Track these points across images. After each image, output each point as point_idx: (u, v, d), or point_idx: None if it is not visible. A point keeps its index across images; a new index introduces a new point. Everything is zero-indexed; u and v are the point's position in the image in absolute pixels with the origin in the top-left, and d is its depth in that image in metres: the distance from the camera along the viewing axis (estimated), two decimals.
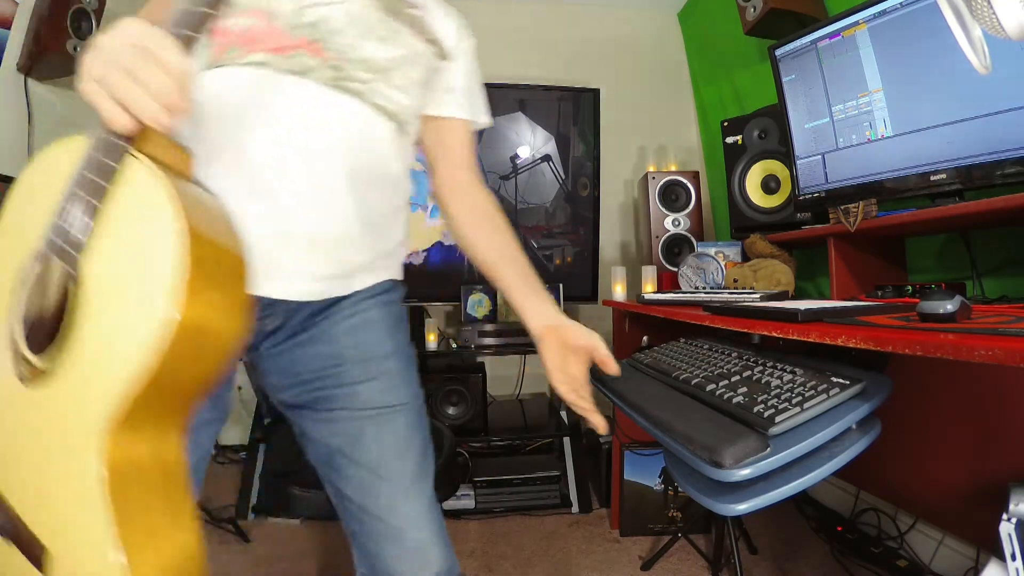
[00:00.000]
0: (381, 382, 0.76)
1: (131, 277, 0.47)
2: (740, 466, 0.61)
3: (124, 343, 0.46)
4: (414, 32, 0.79)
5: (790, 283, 1.54)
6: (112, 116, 0.46)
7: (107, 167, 0.48)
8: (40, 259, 0.51)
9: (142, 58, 0.45)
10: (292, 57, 0.69)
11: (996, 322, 0.65)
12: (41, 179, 0.56)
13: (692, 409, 0.76)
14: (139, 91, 0.45)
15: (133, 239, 0.48)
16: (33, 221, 0.53)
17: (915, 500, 1.49)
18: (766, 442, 0.63)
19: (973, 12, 0.50)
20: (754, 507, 0.62)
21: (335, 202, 0.71)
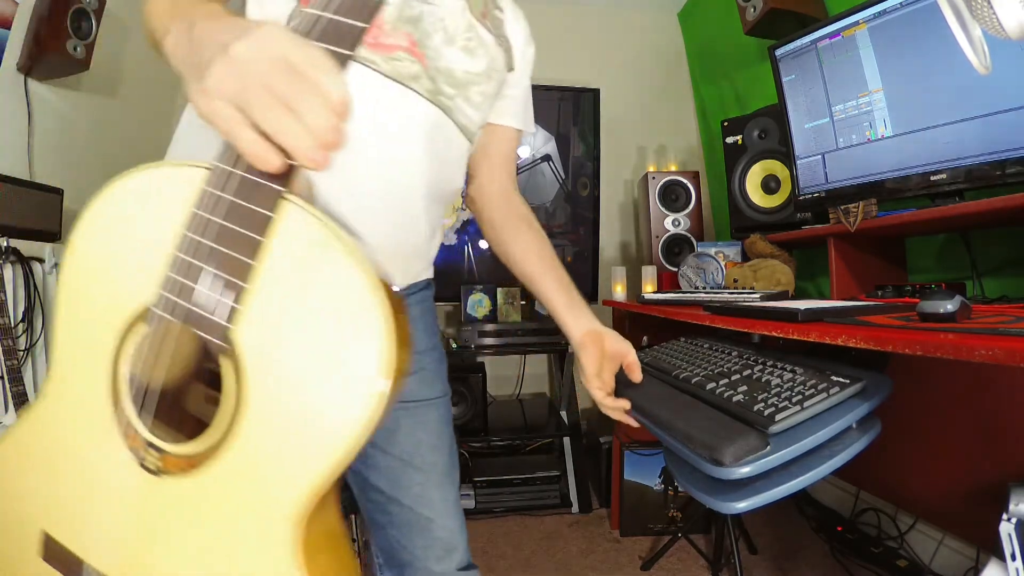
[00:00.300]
0: (418, 377, 0.77)
1: (319, 351, 0.40)
2: (740, 464, 0.61)
3: (326, 423, 0.39)
4: (497, 41, 0.76)
5: (790, 283, 1.54)
6: (257, 153, 0.37)
7: (259, 217, 0.40)
8: (152, 321, 0.43)
9: (299, 83, 0.36)
10: (394, 59, 0.64)
11: (996, 322, 0.65)
12: (123, 214, 0.46)
13: (692, 408, 0.77)
14: (297, 125, 0.36)
15: (314, 307, 0.40)
16: (120, 267, 0.45)
17: (915, 500, 1.49)
18: (766, 440, 0.63)
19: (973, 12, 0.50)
20: (753, 505, 0.62)
21: (414, 218, 0.70)
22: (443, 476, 0.76)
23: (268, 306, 0.40)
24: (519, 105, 0.86)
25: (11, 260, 1.50)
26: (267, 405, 0.40)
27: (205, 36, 0.40)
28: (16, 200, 1.56)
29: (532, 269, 0.84)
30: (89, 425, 0.46)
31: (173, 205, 0.43)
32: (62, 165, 1.95)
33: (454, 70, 0.69)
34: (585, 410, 2.58)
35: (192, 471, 0.43)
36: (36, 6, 1.74)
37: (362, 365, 0.39)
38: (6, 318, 1.38)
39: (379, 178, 0.64)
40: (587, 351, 0.78)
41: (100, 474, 0.45)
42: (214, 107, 0.37)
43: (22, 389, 1.36)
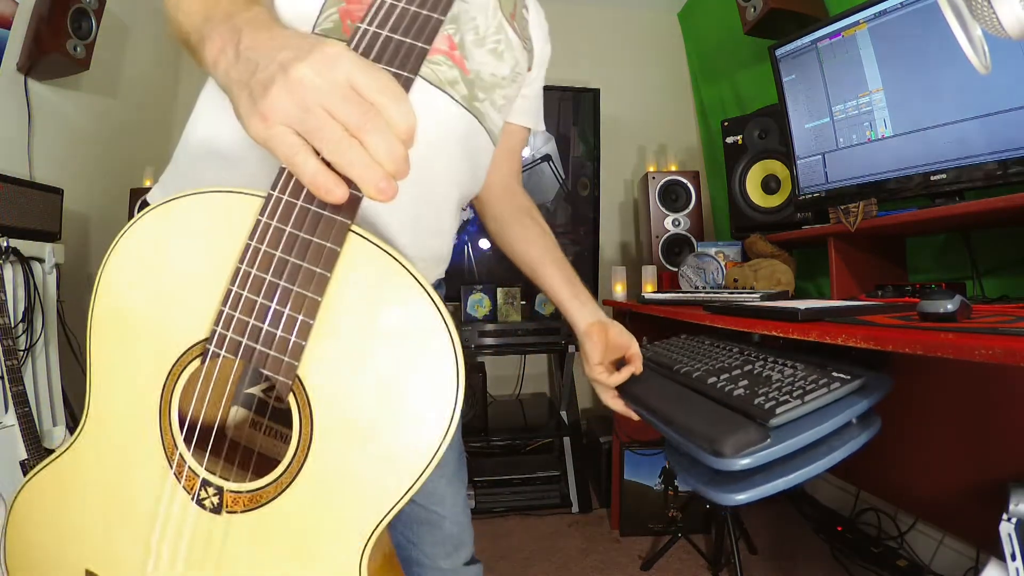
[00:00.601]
0: None
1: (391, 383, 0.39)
2: (740, 456, 0.61)
3: (401, 453, 0.39)
4: (522, 42, 0.74)
5: (790, 283, 1.54)
6: (323, 184, 0.35)
7: (327, 252, 0.38)
8: (207, 357, 0.42)
9: (367, 110, 0.34)
10: (434, 63, 0.62)
11: (996, 322, 0.65)
12: (163, 244, 0.43)
13: (693, 402, 0.77)
14: (365, 155, 0.34)
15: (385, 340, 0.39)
16: (164, 301, 0.43)
17: (915, 500, 1.49)
18: (767, 433, 0.64)
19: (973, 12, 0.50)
20: (753, 497, 0.62)
21: (443, 226, 0.70)
22: (454, 474, 0.77)
23: (336, 341, 0.39)
24: (532, 104, 0.85)
25: (11, 260, 1.50)
26: (338, 441, 0.40)
27: (258, 51, 0.37)
28: (16, 200, 1.56)
29: (535, 262, 0.85)
30: (137, 464, 0.45)
31: (221, 236, 0.41)
32: (62, 165, 1.95)
33: (483, 73, 0.68)
34: (585, 410, 2.58)
35: (256, 507, 0.42)
36: (36, 6, 1.75)
37: (437, 394, 0.39)
38: (6, 318, 1.38)
39: (416, 186, 0.62)
40: (592, 340, 0.79)
41: (152, 514, 0.44)
42: (274, 132, 0.35)
43: (22, 389, 1.36)
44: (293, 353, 0.39)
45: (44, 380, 1.63)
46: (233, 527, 0.42)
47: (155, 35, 2.47)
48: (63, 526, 0.48)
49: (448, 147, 0.64)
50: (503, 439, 2.13)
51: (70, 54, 1.77)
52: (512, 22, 0.72)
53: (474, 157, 0.69)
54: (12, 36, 1.73)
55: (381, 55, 0.38)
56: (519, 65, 0.73)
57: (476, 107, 0.66)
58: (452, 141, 0.65)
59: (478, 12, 0.67)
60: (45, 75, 1.85)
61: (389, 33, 0.39)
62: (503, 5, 0.71)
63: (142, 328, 0.44)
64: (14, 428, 1.33)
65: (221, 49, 0.39)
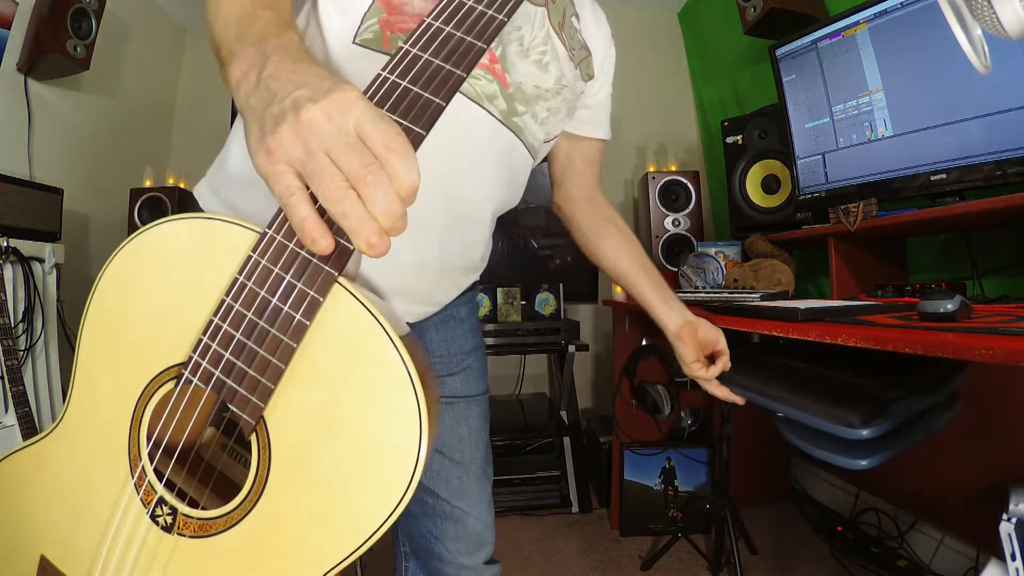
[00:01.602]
0: (463, 376, 0.78)
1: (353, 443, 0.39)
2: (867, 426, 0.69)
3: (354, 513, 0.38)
4: (570, 54, 0.72)
5: (790, 283, 1.54)
6: (311, 231, 0.35)
7: (309, 300, 0.38)
8: (180, 381, 0.42)
9: (371, 162, 0.33)
10: (476, 78, 0.61)
11: (996, 322, 0.65)
12: (158, 263, 0.44)
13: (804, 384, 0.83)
14: (362, 208, 0.33)
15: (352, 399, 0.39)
16: (151, 318, 0.43)
17: (915, 500, 1.49)
18: (887, 406, 0.71)
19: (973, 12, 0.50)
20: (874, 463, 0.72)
21: (476, 240, 0.70)
22: (480, 471, 0.77)
23: (305, 392, 0.39)
24: (601, 114, 0.86)
25: (11, 260, 1.50)
26: (291, 489, 0.40)
27: (278, 82, 0.37)
28: (16, 200, 1.56)
29: (625, 270, 0.88)
30: (104, 467, 0.45)
31: (214, 264, 0.41)
32: (62, 165, 1.95)
33: (525, 85, 0.67)
34: (585, 410, 2.58)
35: (204, 535, 0.42)
36: (36, 6, 1.75)
37: (394, 468, 0.37)
38: (6, 318, 1.38)
39: (447, 199, 0.63)
40: (683, 342, 0.82)
41: (110, 518, 0.45)
42: (275, 170, 0.35)
43: (22, 389, 1.36)
44: (261, 394, 0.39)
45: (44, 380, 1.63)
46: (180, 549, 0.42)
47: (155, 35, 2.47)
48: (29, 507, 0.49)
49: (483, 162, 0.64)
50: (503, 439, 2.13)
51: (70, 54, 1.77)
52: (561, 32, 0.71)
53: (511, 171, 0.69)
54: (12, 36, 1.73)
55: (397, 106, 0.38)
56: (565, 77, 0.71)
57: (515, 122, 0.66)
58: (488, 156, 0.65)
59: (524, 22, 0.66)
60: (45, 75, 1.85)
61: (409, 84, 0.38)
62: (552, 15, 0.70)
63: (129, 337, 0.45)
64: (14, 428, 1.33)
65: (245, 73, 0.39)
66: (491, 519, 0.77)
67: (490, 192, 0.67)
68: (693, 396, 1.92)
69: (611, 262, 0.89)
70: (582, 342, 2.10)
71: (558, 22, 0.71)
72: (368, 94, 0.38)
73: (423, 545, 0.75)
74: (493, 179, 0.66)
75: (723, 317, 1.01)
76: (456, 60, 0.39)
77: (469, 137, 0.62)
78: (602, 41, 0.81)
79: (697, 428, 1.92)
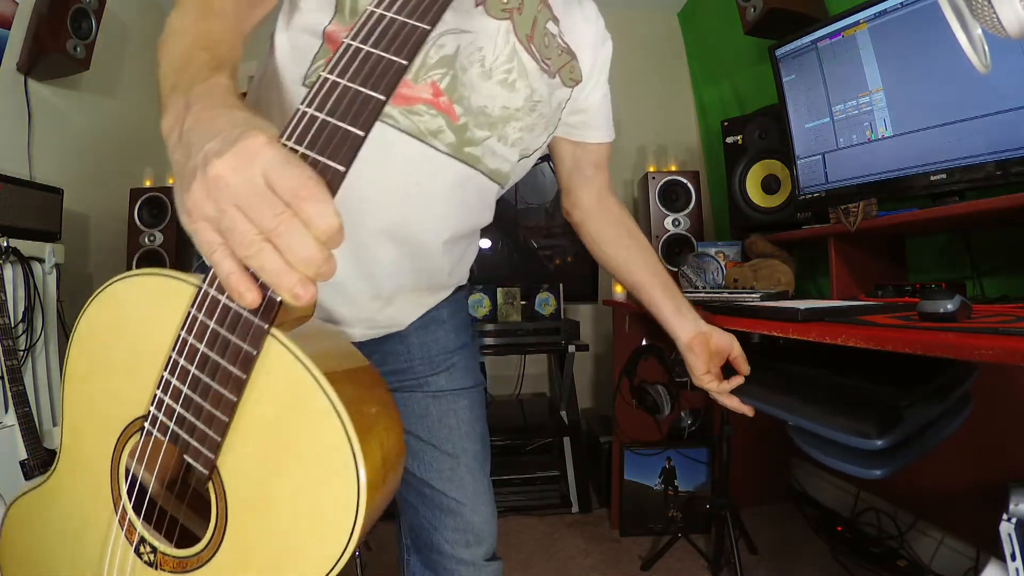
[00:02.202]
0: (448, 374, 0.79)
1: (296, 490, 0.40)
2: (882, 436, 0.68)
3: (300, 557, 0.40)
4: (543, 65, 0.69)
5: (790, 283, 1.54)
6: (235, 287, 0.34)
7: (244, 354, 0.38)
8: (144, 434, 0.44)
9: (280, 211, 0.32)
10: (414, 113, 0.60)
11: (996, 322, 0.65)
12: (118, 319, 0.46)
13: (821, 392, 0.82)
14: (277, 260, 0.33)
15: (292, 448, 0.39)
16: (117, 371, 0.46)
17: (915, 500, 1.49)
18: (901, 414, 0.70)
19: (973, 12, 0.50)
20: (889, 472, 0.71)
21: (432, 265, 0.70)
22: (474, 461, 0.77)
23: (249, 441, 0.40)
24: (597, 117, 0.82)
25: (11, 260, 1.50)
26: (246, 533, 0.41)
27: (195, 135, 0.36)
28: (16, 200, 1.56)
29: (637, 279, 0.86)
30: (96, 505, 0.48)
31: (164, 320, 0.42)
32: (62, 165, 1.95)
33: (491, 108, 0.65)
34: (585, 410, 2.58)
35: (182, 572, 0.44)
36: (36, 6, 1.75)
37: (334, 510, 0.38)
38: (6, 318, 1.38)
39: (393, 236, 0.63)
40: (694, 353, 0.80)
41: (103, 555, 0.47)
42: (195, 228, 0.34)
43: (22, 389, 1.36)
44: (211, 447, 0.40)
45: (44, 380, 1.63)
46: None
47: (155, 35, 2.47)
48: (41, 547, 0.53)
49: (430, 195, 0.64)
50: (503, 439, 2.13)
51: (70, 54, 1.77)
52: (530, 44, 0.68)
53: (465, 201, 0.68)
54: (12, 36, 1.73)
55: (316, 141, 0.36)
56: (537, 92, 0.69)
57: (468, 153, 0.64)
58: (434, 189, 0.64)
59: (486, 41, 0.64)
60: (45, 75, 1.85)
61: (326, 116, 0.36)
62: (518, 27, 0.66)
63: (100, 390, 0.47)
64: (14, 428, 1.33)
65: (171, 128, 0.39)
66: (490, 513, 0.77)
67: (441, 224, 0.66)
68: (693, 396, 1.92)
69: (624, 271, 0.87)
70: (582, 342, 2.10)
71: (526, 34, 0.67)
72: (287, 133, 0.37)
73: (423, 537, 0.76)
74: (443, 211, 0.66)
75: (723, 317, 1.01)
76: (374, 83, 0.37)
77: (412, 173, 0.61)
78: (592, 39, 0.77)
79: (697, 428, 1.92)
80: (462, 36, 0.62)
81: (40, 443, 1.37)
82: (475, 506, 0.75)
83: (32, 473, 1.32)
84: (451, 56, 0.61)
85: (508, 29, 0.65)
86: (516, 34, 0.66)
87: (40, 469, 1.34)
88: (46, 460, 1.36)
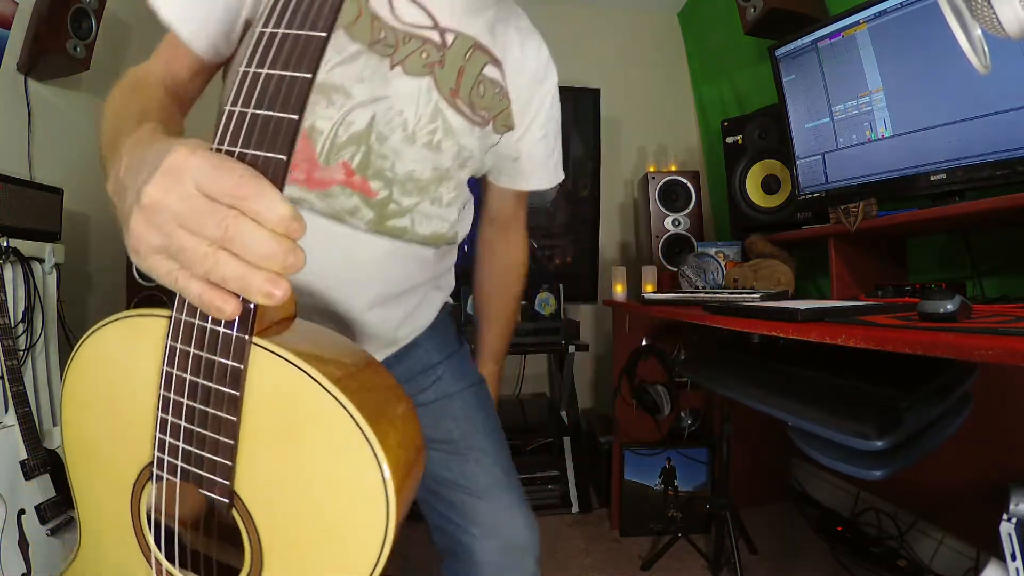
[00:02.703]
0: (434, 387, 0.80)
1: (322, 487, 0.38)
2: (882, 437, 0.69)
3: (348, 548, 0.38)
4: (471, 119, 0.67)
5: (790, 283, 1.54)
6: (211, 304, 0.33)
7: (232, 370, 0.37)
8: (155, 480, 0.42)
9: (228, 217, 0.31)
10: (330, 196, 0.60)
11: (996, 322, 0.65)
12: (102, 369, 0.45)
13: (820, 393, 0.83)
14: (240, 266, 0.32)
15: (305, 447, 0.38)
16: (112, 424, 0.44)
17: (915, 500, 1.49)
18: (900, 415, 0.71)
19: (973, 12, 0.50)
20: (889, 473, 0.72)
21: (369, 331, 0.69)
22: (484, 456, 0.77)
23: (262, 458, 0.39)
24: (532, 162, 0.79)
25: (11, 260, 1.50)
26: (283, 549, 0.40)
27: (128, 177, 0.35)
28: (16, 200, 1.56)
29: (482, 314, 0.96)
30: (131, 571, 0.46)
31: (145, 362, 0.41)
32: (62, 165, 1.95)
33: (419, 172, 0.64)
34: (585, 410, 2.58)
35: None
36: (36, 6, 1.74)
37: (364, 499, 0.37)
38: (6, 318, 1.38)
39: (323, 312, 0.64)
40: None
41: None
42: (150, 264, 0.33)
43: (22, 389, 1.36)
44: (223, 474, 0.39)
45: (44, 380, 1.63)
46: None
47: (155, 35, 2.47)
48: None
49: (355, 271, 0.64)
50: None
51: (70, 54, 1.77)
52: (454, 99, 0.66)
53: (393, 269, 0.68)
54: (12, 36, 1.73)
55: (250, 137, 0.35)
56: (465, 149, 0.68)
57: (390, 227, 0.64)
58: (361, 266, 0.64)
59: (406, 104, 0.62)
60: (45, 75, 1.85)
61: (254, 110, 0.35)
62: (441, 82, 0.64)
63: (102, 452, 0.45)
64: (14, 428, 1.33)
65: (112, 189, 0.38)
66: (510, 500, 0.75)
67: (371, 293, 0.67)
68: (693, 396, 1.92)
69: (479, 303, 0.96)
70: (582, 342, 2.10)
71: (450, 88, 0.65)
72: (218, 138, 0.36)
73: (451, 536, 0.75)
74: (380, 274, 0.66)
75: (723, 317, 1.01)
76: (296, 62, 0.35)
77: (334, 254, 0.62)
78: (528, 77, 0.74)
79: (697, 428, 1.92)
80: (377, 104, 0.61)
81: (40, 443, 1.37)
82: (488, 498, 0.74)
83: (32, 473, 1.32)
84: (362, 131, 0.60)
85: (430, 86, 0.64)
86: (439, 90, 0.64)
87: (40, 469, 1.34)
88: (46, 460, 1.36)
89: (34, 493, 1.31)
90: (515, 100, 0.73)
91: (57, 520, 1.33)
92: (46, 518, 1.31)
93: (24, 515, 1.27)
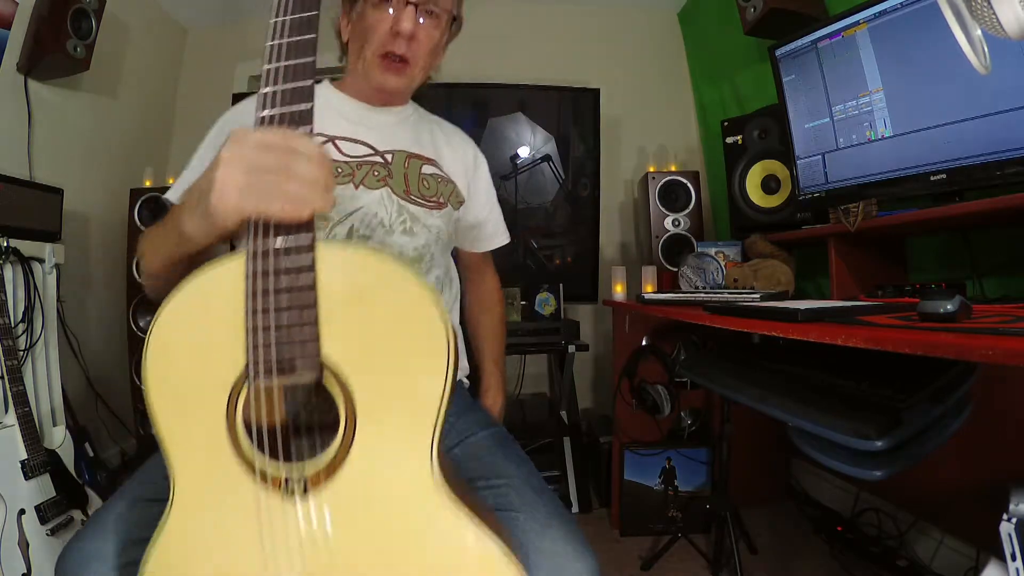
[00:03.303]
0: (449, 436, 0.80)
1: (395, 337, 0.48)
2: (882, 437, 0.70)
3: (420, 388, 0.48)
4: (428, 208, 0.86)
5: (790, 283, 1.54)
6: (293, 213, 0.46)
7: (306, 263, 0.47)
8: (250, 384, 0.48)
9: (283, 153, 0.46)
10: None
11: (996, 322, 0.65)
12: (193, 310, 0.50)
13: (816, 395, 0.84)
14: (301, 186, 0.46)
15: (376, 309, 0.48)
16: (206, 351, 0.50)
17: (915, 500, 1.49)
18: (900, 416, 0.72)
19: (973, 12, 0.50)
20: (889, 473, 0.73)
21: None
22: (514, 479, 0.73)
23: (340, 324, 0.48)
24: (488, 226, 1.03)
25: (11, 260, 1.50)
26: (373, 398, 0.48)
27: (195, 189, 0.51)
28: (16, 200, 1.56)
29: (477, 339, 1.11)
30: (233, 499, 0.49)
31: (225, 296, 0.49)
32: (62, 165, 1.95)
33: (406, 251, 0.82)
34: (585, 410, 2.58)
35: (335, 473, 0.48)
36: (36, 6, 1.75)
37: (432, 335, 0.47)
38: (6, 318, 1.38)
39: None
40: None
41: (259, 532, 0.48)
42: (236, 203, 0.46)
43: (22, 389, 1.36)
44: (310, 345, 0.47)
45: (44, 380, 1.63)
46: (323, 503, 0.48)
47: (155, 35, 2.47)
48: None
49: None
50: None
51: (70, 54, 1.77)
52: (409, 197, 0.85)
53: None
54: (12, 36, 1.73)
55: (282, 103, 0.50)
56: (433, 227, 0.87)
57: None
58: None
59: (378, 207, 0.81)
60: (45, 75, 1.85)
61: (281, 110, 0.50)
62: (395, 188, 0.84)
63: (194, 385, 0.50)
64: (14, 428, 1.33)
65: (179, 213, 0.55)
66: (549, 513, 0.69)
67: None
68: (693, 396, 1.92)
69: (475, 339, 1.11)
70: (582, 342, 2.10)
71: (402, 190, 0.85)
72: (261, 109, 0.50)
73: None
74: None
75: (723, 317, 1.01)
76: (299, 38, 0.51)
77: None
78: (462, 168, 0.95)
79: (697, 428, 1.92)
80: (353, 216, 0.79)
81: (40, 443, 1.37)
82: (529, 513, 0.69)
83: (32, 473, 1.32)
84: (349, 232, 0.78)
85: (388, 194, 0.83)
86: (395, 194, 0.84)
87: (40, 469, 1.34)
88: (46, 460, 1.37)
89: (34, 493, 1.31)
90: (458, 182, 0.93)
91: (57, 520, 1.33)
92: (46, 518, 1.31)
93: (24, 515, 1.27)
